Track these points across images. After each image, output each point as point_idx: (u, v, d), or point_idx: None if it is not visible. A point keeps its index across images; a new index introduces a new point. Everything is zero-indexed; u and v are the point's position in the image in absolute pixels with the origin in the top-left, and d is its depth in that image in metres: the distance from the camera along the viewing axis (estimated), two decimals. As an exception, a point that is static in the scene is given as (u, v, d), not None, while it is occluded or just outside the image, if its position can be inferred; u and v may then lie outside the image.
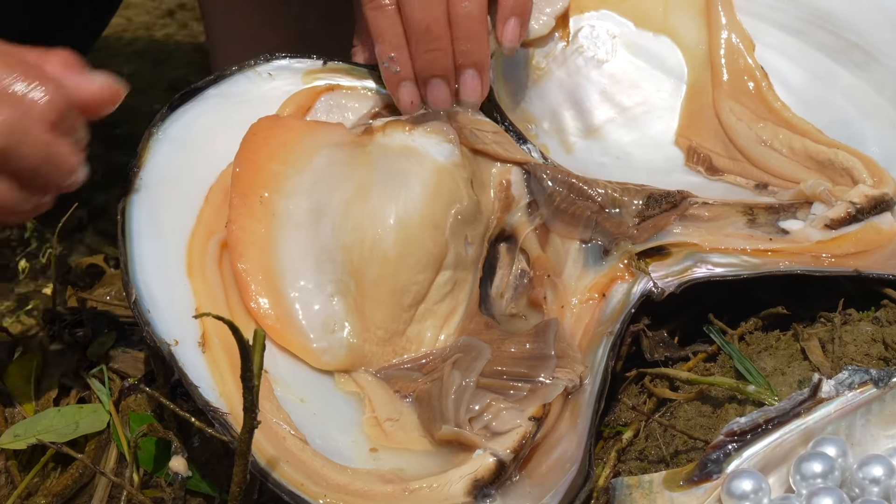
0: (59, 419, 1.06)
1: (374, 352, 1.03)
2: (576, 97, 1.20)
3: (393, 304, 1.03)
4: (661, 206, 1.09)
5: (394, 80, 1.09)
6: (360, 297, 1.03)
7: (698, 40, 1.20)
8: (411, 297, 1.04)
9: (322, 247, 1.04)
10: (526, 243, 1.09)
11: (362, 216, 1.04)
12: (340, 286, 1.03)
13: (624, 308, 1.01)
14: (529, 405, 0.96)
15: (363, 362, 1.02)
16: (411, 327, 1.04)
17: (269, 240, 1.03)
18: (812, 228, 1.06)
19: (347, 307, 1.03)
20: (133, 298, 0.97)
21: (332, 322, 1.02)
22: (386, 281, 1.03)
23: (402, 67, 1.08)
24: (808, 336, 1.02)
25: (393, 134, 1.08)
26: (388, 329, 1.03)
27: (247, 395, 0.84)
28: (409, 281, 1.04)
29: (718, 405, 0.99)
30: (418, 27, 1.07)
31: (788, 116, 1.16)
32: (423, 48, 1.08)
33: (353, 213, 1.04)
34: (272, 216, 1.04)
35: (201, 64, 2.03)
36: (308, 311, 1.02)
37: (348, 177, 1.05)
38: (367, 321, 1.03)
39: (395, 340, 1.04)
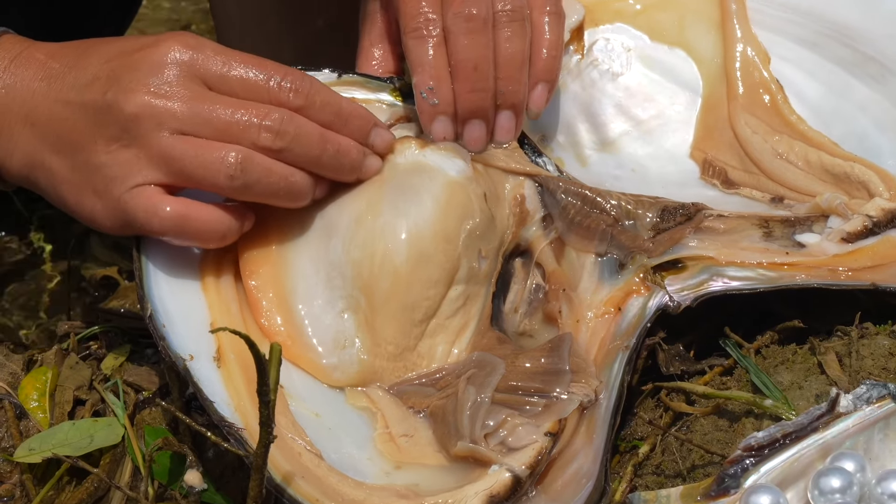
0: (74, 433, 1.05)
1: (384, 367, 1.03)
2: (591, 110, 1.20)
3: (403, 320, 1.03)
4: (676, 218, 1.08)
5: (430, 112, 1.07)
6: (370, 312, 1.03)
7: (713, 53, 1.20)
8: (422, 313, 1.04)
9: (332, 263, 1.03)
10: (542, 257, 1.08)
11: (372, 231, 1.03)
12: (351, 302, 1.03)
13: (640, 322, 1.01)
14: (545, 420, 0.95)
15: (374, 378, 1.02)
16: (422, 342, 1.04)
17: (280, 257, 1.04)
18: (828, 242, 1.06)
19: (358, 323, 1.03)
20: (148, 313, 0.97)
21: (342, 338, 1.02)
22: (396, 296, 1.03)
23: (442, 101, 1.07)
24: (825, 350, 1.01)
25: (404, 152, 1.08)
26: (399, 344, 1.03)
27: (263, 409, 0.84)
28: (420, 296, 1.03)
29: (735, 419, 0.98)
30: (466, 65, 1.06)
31: (804, 129, 1.16)
32: (469, 87, 1.06)
33: (363, 229, 1.04)
34: (282, 233, 1.04)
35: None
36: (318, 328, 1.02)
37: (358, 195, 1.05)
38: (377, 337, 1.03)
39: (405, 356, 1.03)
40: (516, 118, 1.10)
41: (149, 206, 0.97)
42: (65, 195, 1.01)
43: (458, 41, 1.06)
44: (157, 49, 0.99)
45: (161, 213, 0.97)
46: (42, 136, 1.00)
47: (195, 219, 0.98)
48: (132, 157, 0.97)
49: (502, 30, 1.07)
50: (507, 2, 1.07)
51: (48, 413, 1.09)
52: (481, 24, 1.06)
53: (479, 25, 1.06)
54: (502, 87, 1.08)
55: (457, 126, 1.08)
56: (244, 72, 1.00)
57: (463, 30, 1.05)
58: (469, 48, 1.06)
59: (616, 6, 1.22)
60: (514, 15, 1.07)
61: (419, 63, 1.07)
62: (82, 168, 0.99)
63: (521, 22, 1.08)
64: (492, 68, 1.07)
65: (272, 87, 1.00)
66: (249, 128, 0.98)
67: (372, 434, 0.99)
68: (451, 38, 1.06)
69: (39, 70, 1.01)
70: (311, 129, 1.00)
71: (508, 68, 1.07)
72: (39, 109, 1.00)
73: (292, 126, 0.99)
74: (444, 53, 1.07)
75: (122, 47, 1.01)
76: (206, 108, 0.98)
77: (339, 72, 1.14)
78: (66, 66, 1.01)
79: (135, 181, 0.98)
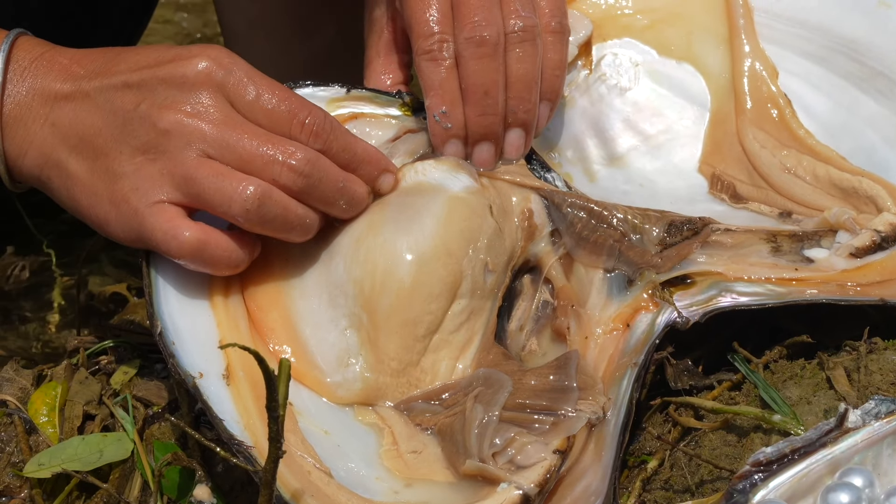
0: (84, 448, 1.06)
1: (388, 383, 1.03)
2: (599, 125, 1.20)
3: (406, 335, 1.03)
4: (683, 232, 1.08)
5: (442, 135, 1.09)
6: (372, 329, 1.03)
7: (721, 68, 1.20)
8: (424, 328, 1.03)
9: (334, 282, 1.04)
10: (551, 273, 1.08)
11: (373, 249, 1.04)
12: (353, 319, 1.03)
13: (648, 339, 1.01)
14: (553, 438, 0.95)
15: (379, 394, 1.03)
16: (426, 358, 1.04)
17: (283, 277, 1.04)
18: (837, 257, 1.06)
19: (361, 340, 1.03)
20: (158, 330, 0.97)
21: (346, 356, 1.02)
22: (398, 311, 1.03)
23: (454, 125, 1.09)
24: (834, 365, 1.01)
25: (406, 174, 1.09)
26: (402, 360, 1.03)
27: (272, 424, 0.84)
28: (422, 311, 1.03)
29: (744, 434, 0.99)
30: (477, 90, 1.07)
31: (812, 144, 1.16)
32: (479, 111, 1.08)
33: (364, 247, 1.04)
34: (284, 254, 1.05)
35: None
36: (322, 346, 1.02)
37: (359, 217, 1.06)
38: (380, 353, 1.03)
39: (409, 371, 1.03)
40: (526, 136, 1.11)
41: (168, 228, 0.98)
42: (78, 197, 1.01)
43: (469, 66, 1.07)
44: (190, 62, 1.00)
45: (180, 237, 0.98)
46: (63, 137, 1.01)
47: (214, 246, 0.99)
48: (156, 173, 0.98)
49: (513, 50, 1.08)
50: (518, 21, 1.08)
51: (58, 428, 1.10)
52: (492, 48, 1.07)
53: (489, 51, 1.07)
54: (513, 107, 1.09)
55: (467, 147, 1.10)
56: (272, 104, 1.00)
57: (474, 55, 1.07)
58: (479, 73, 1.07)
59: (624, 21, 1.22)
60: (525, 35, 1.08)
61: (432, 86, 1.08)
62: (102, 173, 1.00)
63: (532, 41, 1.08)
64: (502, 92, 1.08)
65: (295, 124, 1.01)
66: (273, 163, 0.98)
67: (379, 450, 0.99)
68: (462, 63, 1.07)
69: (63, 73, 1.02)
70: (333, 175, 1.02)
71: (519, 88, 1.08)
72: (63, 111, 1.01)
73: (316, 170, 1.00)
74: (457, 76, 1.08)
75: (154, 57, 1.01)
76: (234, 135, 0.98)
77: (349, 87, 1.14)
78: (92, 72, 1.01)
79: (156, 197, 0.98)
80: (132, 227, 0.99)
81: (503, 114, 1.09)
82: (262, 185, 0.98)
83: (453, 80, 1.08)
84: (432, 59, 1.08)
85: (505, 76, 1.08)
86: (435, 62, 1.08)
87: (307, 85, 1.13)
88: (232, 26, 1.58)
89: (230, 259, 1.00)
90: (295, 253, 1.05)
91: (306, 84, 1.13)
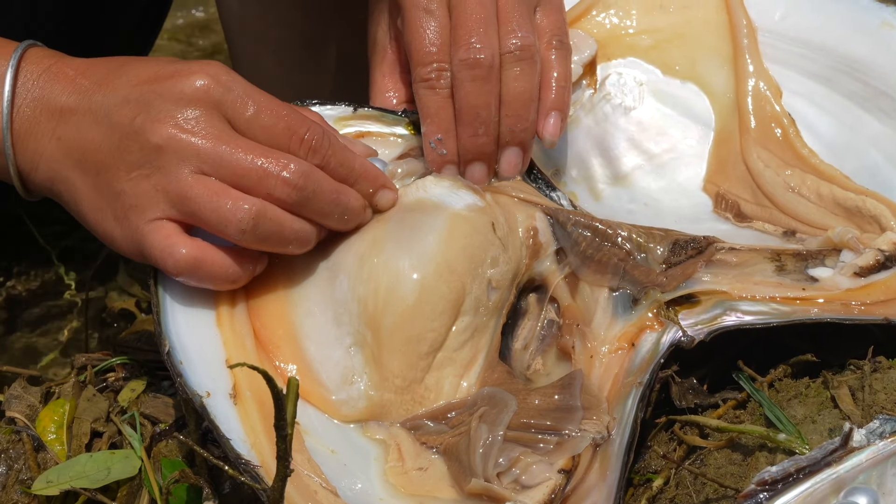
0: (92, 465, 1.06)
1: (393, 401, 1.03)
2: (604, 144, 1.21)
3: (409, 352, 1.03)
4: (687, 251, 1.09)
5: (438, 161, 1.11)
6: (376, 346, 1.03)
7: (725, 87, 1.21)
8: (428, 345, 1.04)
9: (338, 300, 1.04)
10: (557, 291, 1.09)
11: (376, 267, 1.04)
12: (357, 337, 1.03)
13: (653, 358, 1.01)
14: (558, 458, 0.96)
15: (383, 412, 1.03)
16: (430, 375, 1.04)
17: (287, 296, 1.05)
18: (841, 276, 1.06)
19: (365, 358, 1.03)
20: (166, 349, 0.98)
21: (350, 374, 1.03)
22: (401, 329, 1.03)
23: (449, 151, 1.10)
24: (838, 384, 1.02)
25: (407, 191, 1.09)
26: (406, 377, 1.03)
27: (280, 443, 0.85)
28: (425, 328, 1.04)
29: (749, 453, 0.99)
30: (469, 112, 1.08)
31: (816, 163, 1.17)
32: (471, 133, 1.09)
33: (367, 265, 1.04)
34: (289, 273, 1.06)
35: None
36: (327, 365, 1.03)
37: (363, 234, 1.06)
38: (384, 370, 1.03)
39: (413, 389, 1.04)
40: (523, 154, 1.12)
41: (165, 246, 0.98)
42: (85, 213, 1.02)
43: (462, 88, 1.08)
44: (188, 79, 1.00)
45: (176, 255, 0.98)
46: (67, 152, 1.02)
47: (210, 263, 1.00)
48: (151, 189, 0.99)
49: (511, 69, 1.09)
50: (516, 40, 1.09)
51: (66, 445, 1.10)
52: (486, 70, 1.07)
53: (483, 73, 1.07)
54: (510, 125, 1.10)
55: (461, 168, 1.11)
56: (270, 120, 1.01)
57: (467, 77, 1.08)
58: (472, 95, 1.08)
59: (629, 41, 1.23)
60: (522, 54, 1.09)
61: (428, 114, 1.10)
62: (104, 190, 1.01)
63: (530, 60, 1.09)
64: (495, 114, 1.09)
65: (294, 140, 1.02)
66: (267, 177, 0.99)
67: (385, 467, 0.99)
68: (456, 84, 1.08)
69: (68, 85, 1.02)
70: (327, 187, 1.02)
71: (516, 106, 1.09)
72: (67, 125, 1.01)
73: (310, 182, 1.01)
74: (452, 104, 1.09)
75: (154, 71, 1.02)
76: (227, 150, 0.99)
77: (355, 105, 1.15)
78: (96, 84, 1.02)
79: (153, 215, 0.99)
80: (134, 244, 1.00)
81: (496, 134, 1.10)
82: (257, 204, 0.99)
83: (448, 107, 1.09)
84: (430, 87, 1.09)
85: (500, 96, 1.09)
86: (432, 90, 1.09)
87: (314, 103, 1.14)
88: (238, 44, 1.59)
89: (227, 275, 1.01)
90: (299, 270, 1.06)
91: (313, 103, 1.14)
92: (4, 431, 1.10)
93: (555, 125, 1.12)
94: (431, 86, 1.09)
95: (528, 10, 1.11)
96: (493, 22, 1.09)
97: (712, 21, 1.22)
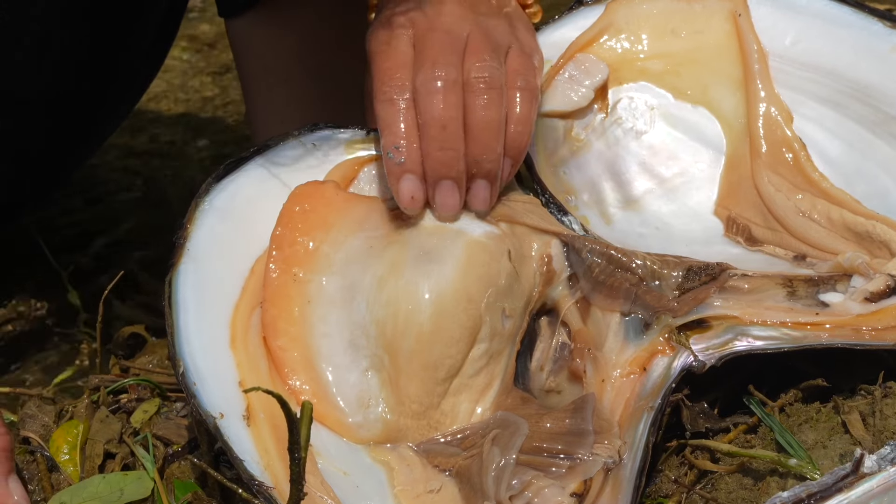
0: (104, 486, 1.06)
1: (409, 425, 1.03)
2: (615, 168, 1.21)
3: (426, 378, 1.04)
4: (701, 278, 1.09)
5: (397, 172, 1.05)
6: (394, 371, 1.04)
7: (736, 112, 1.21)
8: (445, 371, 1.04)
9: (356, 323, 1.05)
10: (567, 316, 1.09)
11: (396, 291, 1.05)
12: (375, 361, 1.04)
13: (664, 383, 1.01)
14: (570, 481, 0.96)
15: (399, 436, 1.03)
16: (446, 400, 1.05)
17: (304, 318, 1.05)
18: (852, 301, 1.06)
19: (382, 381, 1.04)
20: (180, 371, 0.98)
21: (366, 397, 1.03)
22: (419, 355, 1.03)
23: (408, 159, 1.04)
24: (849, 409, 1.02)
25: (425, 214, 1.09)
26: (423, 403, 1.04)
27: (293, 466, 0.85)
28: (443, 354, 1.04)
29: (760, 478, 0.99)
30: (435, 123, 1.04)
31: (826, 187, 1.17)
32: (438, 146, 1.04)
33: (387, 289, 1.05)
34: (306, 295, 1.06)
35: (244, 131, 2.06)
36: (343, 387, 1.03)
37: (381, 256, 1.07)
38: (401, 395, 1.03)
39: (429, 414, 1.04)
40: (491, 187, 1.07)
41: None
42: None
43: (425, 101, 1.04)
44: None
45: None
46: None
47: None
48: None
49: (478, 96, 1.05)
50: (482, 69, 1.06)
51: (79, 466, 1.10)
52: (451, 84, 1.04)
53: (448, 86, 1.04)
54: (476, 155, 1.05)
55: (427, 188, 1.06)
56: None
57: (431, 90, 1.04)
58: (436, 107, 1.04)
59: (639, 65, 1.23)
60: (490, 82, 1.06)
61: (386, 125, 1.05)
62: None
63: (498, 90, 1.06)
64: (461, 130, 1.04)
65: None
66: None
67: (395, 490, 1.00)
68: (419, 99, 1.05)
69: None
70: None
71: (483, 135, 1.05)
72: None
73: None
74: (414, 116, 1.05)
75: None
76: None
77: (368, 129, 1.15)
78: None
79: None
80: None
81: (463, 153, 1.04)
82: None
83: (408, 118, 1.04)
84: (387, 100, 1.05)
85: (464, 117, 1.04)
86: (390, 102, 1.05)
87: (327, 127, 1.14)
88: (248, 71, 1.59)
89: None
90: (316, 292, 1.06)
91: (326, 126, 1.14)
92: (19, 451, 1.10)
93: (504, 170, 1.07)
94: (389, 98, 1.05)
95: (497, 47, 1.10)
96: (460, 51, 1.07)
97: (723, 46, 1.22)
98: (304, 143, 1.13)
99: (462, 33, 1.09)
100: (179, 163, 2.00)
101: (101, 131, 1.67)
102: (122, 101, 1.63)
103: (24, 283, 1.62)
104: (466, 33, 1.09)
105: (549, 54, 1.19)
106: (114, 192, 1.92)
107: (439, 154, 1.04)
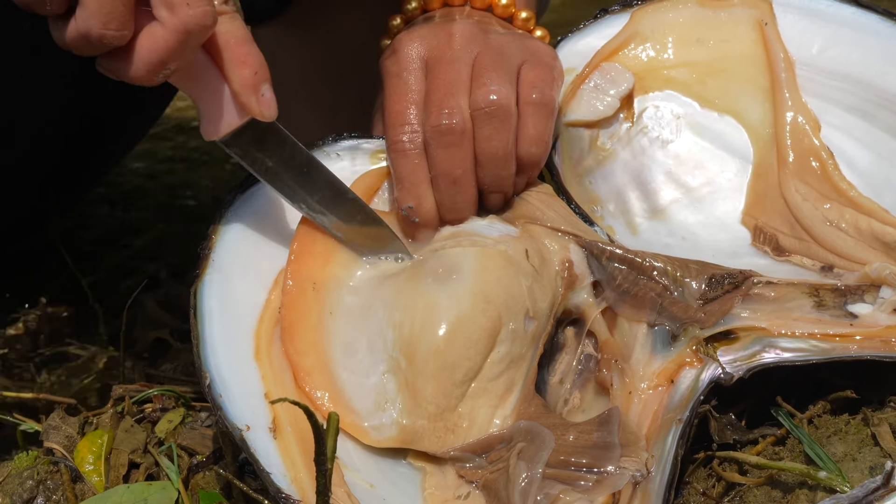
0: (129, 496, 1.06)
1: (425, 427, 1.03)
2: (641, 178, 1.21)
3: (443, 379, 1.04)
4: (724, 286, 1.08)
5: (410, 227, 1.10)
6: (411, 373, 1.03)
7: (763, 121, 1.20)
8: (462, 373, 1.04)
9: (373, 328, 1.05)
10: (595, 326, 1.09)
11: (412, 294, 1.05)
12: (391, 364, 1.04)
13: (693, 395, 1.01)
14: (598, 495, 0.95)
15: (416, 438, 1.03)
16: (463, 404, 1.04)
17: (320, 323, 1.05)
18: (881, 312, 1.05)
19: (399, 384, 1.03)
20: (207, 382, 0.98)
21: (383, 400, 1.03)
22: (436, 356, 1.04)
23: (422, 219, 1.10)
24: (879, 421, 1.01)
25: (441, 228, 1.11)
26: (440, 405, 1.04)
27: (320, 478, 0.85)
28: (460, 356, 1.04)
29: (789, 490, 0.98)
30: (446, 178, 1.09)
31: (854, 196, 1.16)
32: (450, 199, 1.10)
33: (404, 294, 1.05)
34: (323, 302, 1.06)
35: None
36: (360, 391, 1.03)
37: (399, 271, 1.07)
38: (418, 397, 1.03)
39: (446, 416, 1.04)
40: (505, 198, 1.13)
41: None
42: None
43: (436, 155, 1.09)
44: None
45: None
46: None
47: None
48: None
49: (483, 129, 1.09)
50: (486, 95, 1.08)
51: (103, 476, 1.10)
52: (458, 136, 1.08)
53: (455, 139, 1.08)
54: (488, 183, 1.10)
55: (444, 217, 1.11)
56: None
57: (440, 144, 1.08)
58: (447, 162, 1.08)
59: (665, 74, 1.22)
60: (494, 111, 1.08)
61: (399, 178, 1.10)
62: None
63: (503, 118, 1.09)
64: (472, 177, 1.09)
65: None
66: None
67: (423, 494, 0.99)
68: (430, 151, 1.09)
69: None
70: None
71: (491, 167, 1.10)
72: None
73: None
74: (425, 167, 1.09)
75: None
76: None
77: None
78: None
79: None
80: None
81: (474, 192, 1.10)
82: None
83: (420, 170, 1.09)
84: (400, 151, 1.09)
85: (475, 158, 1.09)
86: (403, 154, 1.09)
87: (351, 137, 1.15)
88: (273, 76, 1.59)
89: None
90: (334, 297, 1.06)
91: (351, 136, 1.15)
92: (43, 462, 1.10)
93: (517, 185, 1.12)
94: (402, 149, 1.09)
95: (507, 64, 1.11)
96: (466, 84, 1.09)
97: (750, 54, 1.21)
98: (328, 153, 1.13)
99: (470, 57, 1.10)
100: (204, 170, 2.00)
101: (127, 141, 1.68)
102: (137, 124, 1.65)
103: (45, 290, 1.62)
104: (475, 55, 1.10)
105: (574, 63, 1.19)
106: (139, 199, 1.92)
107: (453, 206, 1.10)
